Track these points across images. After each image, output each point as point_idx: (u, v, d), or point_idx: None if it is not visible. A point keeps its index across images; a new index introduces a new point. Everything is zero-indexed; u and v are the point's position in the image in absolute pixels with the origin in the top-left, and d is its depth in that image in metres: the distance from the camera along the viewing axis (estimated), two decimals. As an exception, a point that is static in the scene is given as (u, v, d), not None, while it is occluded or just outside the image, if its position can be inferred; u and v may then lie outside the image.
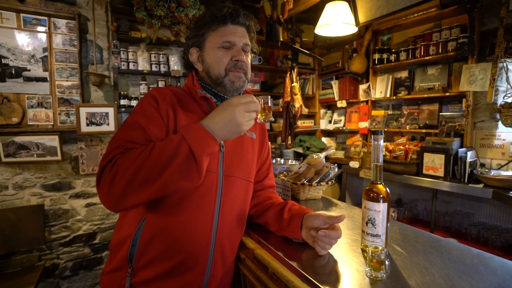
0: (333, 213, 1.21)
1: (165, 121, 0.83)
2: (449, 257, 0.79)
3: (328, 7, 2.18)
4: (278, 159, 1.68)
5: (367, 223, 0.83)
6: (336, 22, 2.15)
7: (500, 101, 2.27)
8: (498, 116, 2.29)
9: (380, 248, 0.73)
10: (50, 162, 2.38)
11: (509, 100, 2.21)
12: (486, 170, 2.22)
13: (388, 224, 0.83)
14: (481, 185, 2.08)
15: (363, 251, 0.85)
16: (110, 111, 2.52)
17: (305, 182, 1.33)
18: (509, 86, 2.24)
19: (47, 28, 2.28)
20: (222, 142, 0.92)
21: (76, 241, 2.50)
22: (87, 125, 2.46)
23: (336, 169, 1.38)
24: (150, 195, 0.71)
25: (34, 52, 2.27)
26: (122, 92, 2.61)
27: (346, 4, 2.13)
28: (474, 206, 2.42)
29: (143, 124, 0.80)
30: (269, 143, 1.19)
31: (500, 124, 2.29)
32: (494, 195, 1.97)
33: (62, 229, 2.44)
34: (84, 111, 2.43)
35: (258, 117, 0.85)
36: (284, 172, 1.53)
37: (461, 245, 0.87)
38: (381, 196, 0.82)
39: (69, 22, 2.34)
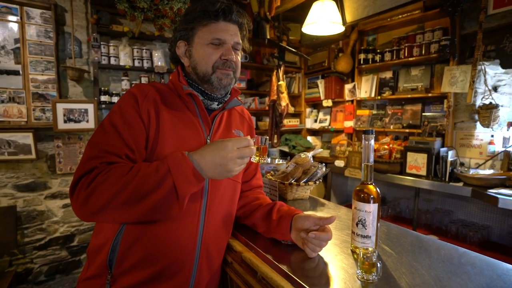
0: (320, 213, 1.20)
1: (146, 122, 0.78)
2: (437, 257, 0.80)
3: (316, 5, 2.18)
4: (266, 158, 1.65)
5: (357, 224, 0.82)
6: (323, 21, 2.14)
7: (478, 102, 2.36)
8: (476, 117, 2.37)
9: (370, 249, 0.72)
10: (24, 161, 2.24)
11: (487, 102, 2.29)
12: (466, 169, 2.30)
13: (378, 225, 0.82)
14: (461, 184, 2.15)
15: (353, 252, 0.83)
16: (90, 107, 2.41)
17: (292, 181, 1.32)
18: (486, 88, 2.33)
19: (19, 17, 2.14)
20: (208, 140, 0.89)
21: (52, 244, 2.37)
22: (65, 122, 2.33)
23: (324, 169, 1.37)
24: (124, 219, 0.71)
25: (4, 43, 2.12)
26: (102, 88, 2.49)
27: (333, 3, 2.14)
28: (453, 204, 2.51)
29: (121, 129, 0.75)
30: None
31: (478, 124, 2.37)
32: (473, 193, 2.03)
33: (36, 232, 2.31)
34: (61, 107, 2.30)
35: (252, 157, 0.81)
36: (271, 172, 1.51)
37: (448, 244, 0.88)
38: (372, 196, 0.81)
39: (44, 12, 2.20)
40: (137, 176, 0.67)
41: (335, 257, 0.80)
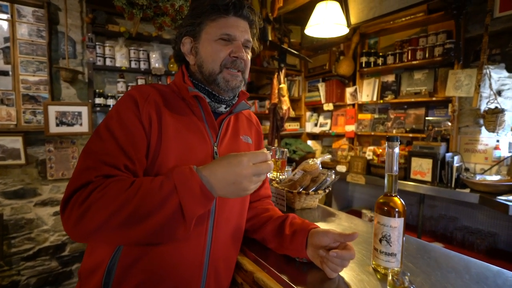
0: (331, 224, 1.12)
1: (147, 128, 0.70)
2: (469, 277, 0.72)
3: (319, 6, 2.12)
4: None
5: (380, 240, 0.74)
6: (327, 22, 2.09)
7: (483, 106, 2.32)
8: (481, 121, 2.33)
9: (396, 270, 0.64)
10: (12, 166, 2.12)
11: (492, 106, 2.25)
12: (472, 175, 2.25)
13: (404, 241, 0.74)
14: (467, 190, 2.10)
15: (375, 270, 0.76)
16: (84, 110, 2.31)
17: (301, 190, 1.24)
18: (492, 92, 2.29)
19: (9, 15, 2.04)
20: (215, 147, 0.81)
21: (42, 254, 2.25)
22: (57, 125, 2.23)
23: (333, 176, 1.30)
24: (123, 241, 0.63)
25: (-7, 42, 2.02)
26: (97, 90, 2.40)
27: (337, 4, 2.08)
28: (458, 210, 2.45)
29: (119, 135, 0.66)
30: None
31: (483, 129, 2.33)
32: (481, 200, 1.98)
33: (24, 242, 2.18)
34: (53, 109, 2.20)
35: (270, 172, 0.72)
36: (277, 179, 1.43)
37: (476, 261, 0.81)
38: (397, 210, 0.73)
39: (36, 10, 2.10)
40: (138, 193, 0.58)
41: (356, 277, 0.72)
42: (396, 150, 0.76)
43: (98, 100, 2.36)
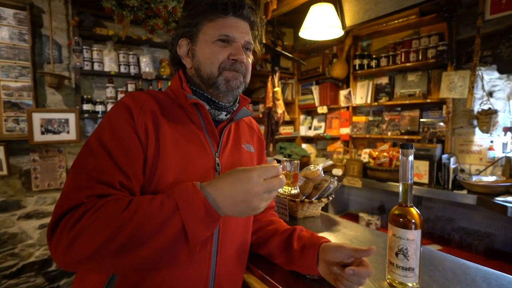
0: (336, 234, 1.07)
1: (143, 140, 0.64)
2: (491, 290, 0.68)
3: (314, 9, 2.09)
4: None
5: (397, 254, 0.70)
6: (321, 25, 2.06)
7: (476, 108, 2.33)
8: (475, 122, 2.34)
9: (414, 284, 0.60)
10: (-6, 178, 2.00)
11: (485, 107, 2.27)
12: (468, 176, 2.25)
13: (421, 251, 0.70)
14: (465, 191, 2.10)
15: (391, 286, 0.71)
16: (71, 117, 2.20)
17: (303, 198, 1.19)
18: (484, 94, 2.31)
19: (-11, 18, 1.93)
20: (217, 158, 0.75)
21: (26, 271, 2.12)
22: (42, 133, 2.11)
23: (336, 183, 1.25)
24: (118, 269, 0.56)
25: (-28, 46, 1.90)
26: (85, 96, 2.29)
27: (332, 6, 2.06)
28: (455, 212, 2.45)
29: (112, 149, 0.60)
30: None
31: (477, 130, 2.34)
32: (478, 201, 1.98)
33: (7, 258, 2.05)
34: (38, 117, 2.09)
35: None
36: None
37: (495, 272, 0.77)
38: (414, 221, 0.69)
39: (18, 12, 2.00)
40: (136, 215, 0.51)
41: (373, 295, 0.67)
42: (411, 158, 0.71)
43: (86, 107, 2.26)
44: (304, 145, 3.59)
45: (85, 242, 0.49)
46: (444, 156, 2.28)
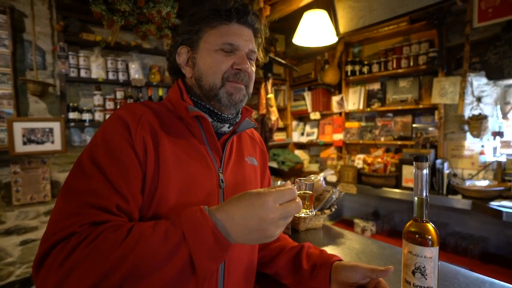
0: (341, 247, 1.02)
1: (141, 157, 0.58)
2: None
3: (307, 15, 2.09)
4: (267, 181, 1.46)
5: (414, 273, 0.66)
6: (315, 32, 2.05)
7: (467, 113, 2.37)
8: (466, 127, 2.38)
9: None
10: (-30, 193, 1.86)
11: (475, 112, 2.31)
12: (461, 181, 2.27)
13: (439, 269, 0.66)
14: (459, 196, 2.11)
15: (408, 307, 0.67)
16: (56, 126, 2.09)
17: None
18: (474, 99, 2.35)
19: (-33, 23, 1.82)
20: (221, 174, 0.70)
21: (7, 291, 1.98)
22: (24, 143, 2.00)
23: (338, 193, 1.22)
24: None
25: None
26: (71, 104, 2.20)
27: (325, 13, 2.06)
28: (448, 216, 2.47)
29: (108, 169, 0.54)
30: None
31: (468, 135, 2.38)
32: (473, 206, 1.99)
33: (-14, 279, 1.91)
34: (19, 126, 1.97)
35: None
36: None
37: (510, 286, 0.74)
38: (430, 237, 0.65)
39: (-2, 17, 1.90)
40: (137, 245, 0.45)
41: (391, 318, 0.63)
42: (425, 171, 0.68)
43: (72, 115, 2.16)
44: (297, 152, 3.56)
45: (79, 278, 0.43)
46: (438, 161, 2.30)
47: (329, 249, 1.04)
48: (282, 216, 0.49)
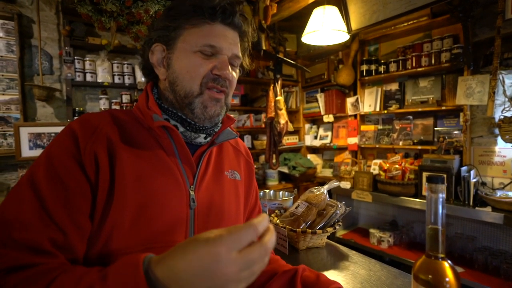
0: (346, 272, 0.88)
1: (92, 176, 0.50)
2: None
3: (316, 12, 1.95)
4: (267, 191, 1.35)
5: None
6: (325, 29, 1.91)
7: (497, 115, 2.13)
8: (496, 131, 2.14)
9: None
10: (-22, 197, 1.89)
11: (508, 114, 2.07)
12: (491, 191, 2.04)
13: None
14: (489, 209, 1.88)
15: None
16: (61, 130, 2.09)
17: (305, 228, 1.02)
18: (507, 99, 2.11)
19: (-27, 29, 1.85)
20: (192, 192, 0.60)
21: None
22: (31, 148, 2.01)
23: (344, 208, 1.08)
24: None
25: (-43, 59, 1.82)
26: (77, 108, 2.20)
27: (336, 9, 1.91)
28: (476, 229, 2.23)
29: (45, 194, 0.46)
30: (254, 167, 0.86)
31: (499, 139, 2.14)
32: (506, 220, 1.76)
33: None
34: (26, 131, 1.99)
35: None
36: (276, 211, 1.21)
37: None
38: (447, 280, 0.52)
39: (5, 23, 1.92)
40: None
41: None
42: (441, 195, 0.54)
43: (77, 119, 2.15)
44: (309, 156, 3.41)
45: None
46: (463, 168, 2.08)
47: (330, 274, 0.91)
48: (243, 267, 0.35)
